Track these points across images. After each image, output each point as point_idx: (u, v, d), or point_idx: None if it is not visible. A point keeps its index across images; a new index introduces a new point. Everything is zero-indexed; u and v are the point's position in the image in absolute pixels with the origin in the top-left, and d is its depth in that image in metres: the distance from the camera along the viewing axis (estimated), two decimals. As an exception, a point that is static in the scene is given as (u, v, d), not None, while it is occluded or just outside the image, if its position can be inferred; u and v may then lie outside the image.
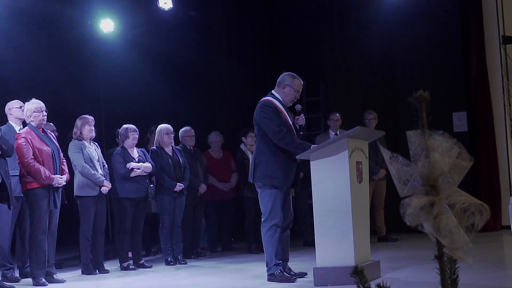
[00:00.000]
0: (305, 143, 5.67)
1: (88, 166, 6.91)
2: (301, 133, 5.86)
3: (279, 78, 5.89)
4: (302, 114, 5.90)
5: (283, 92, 5.82)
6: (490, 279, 5.15)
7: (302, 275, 5.82)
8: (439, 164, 2.05)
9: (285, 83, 5.81)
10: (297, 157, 5.63)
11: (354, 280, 2.09)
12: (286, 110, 5.84)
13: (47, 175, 6.22)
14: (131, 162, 7.37)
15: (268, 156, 5.71)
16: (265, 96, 5.89)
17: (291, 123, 5.81)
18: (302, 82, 5.89)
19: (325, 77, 10.68)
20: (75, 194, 6.97)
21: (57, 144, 6.53)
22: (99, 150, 7.20)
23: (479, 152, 9.17)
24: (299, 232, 9.26)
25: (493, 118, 9.43)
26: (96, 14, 9.73)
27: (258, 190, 5.80)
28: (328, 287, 5.20)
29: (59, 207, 6.42)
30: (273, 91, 5.89)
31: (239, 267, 7.16)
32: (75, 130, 7.03)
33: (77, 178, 6.95)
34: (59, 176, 6.33)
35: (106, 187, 7.02)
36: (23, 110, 6.59)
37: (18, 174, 6.36)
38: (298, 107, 5.90)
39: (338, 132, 8.57)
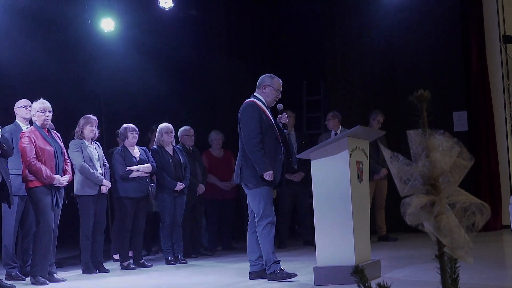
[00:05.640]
0: (268, 166, 5.66)
1: (87, 165, 6.91)
2: (285, 131, 5.99)
3: (258, 80, 5.99)
4: (285, 113, 6.01)
5: (263, 93, 5.91)
6: (491, 278, 5.15)
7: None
8: (439, 163, 2.05)
9: (265, 84, 5.91)
10: (297, 156, 5.65)
11: (355, 279, 2.10)
12: (269, 110, 5.93)
13: (48, 174, 6.23)
14: (130, 166, 7.37)
15: None
16: (248, 98, 5.96)
17: (273, 122, 5.89)
18: (281, 81, 5.97)
19: (325, 76, 10.69)
20: (74, 193, 6.98)
21: (61, 145, 6.55)
22: (100, 150, 7.20)
23: (480, 151, 9.17)
24: (300, 232, 9.26)
25: (493, 118, 9.42)
26: (96, 13, 9.72)
27: (247, 191, 5.84)
28: (328, 287, 5.20)
29: (61, 206, 6.44)
30: (255, 93, 5.98)
31: (239, 266, 7.16)
32: (77, 129, 7.06)
33: (77, 177, 6.96)
34: (60, 176, 6.35)
35: (106, 186, 7.03)
36: (27, 109, 6.68)
37: (22, 173, 6.38)
38: (280, 106, 6.01)
39: (338, 131, 8.56)
